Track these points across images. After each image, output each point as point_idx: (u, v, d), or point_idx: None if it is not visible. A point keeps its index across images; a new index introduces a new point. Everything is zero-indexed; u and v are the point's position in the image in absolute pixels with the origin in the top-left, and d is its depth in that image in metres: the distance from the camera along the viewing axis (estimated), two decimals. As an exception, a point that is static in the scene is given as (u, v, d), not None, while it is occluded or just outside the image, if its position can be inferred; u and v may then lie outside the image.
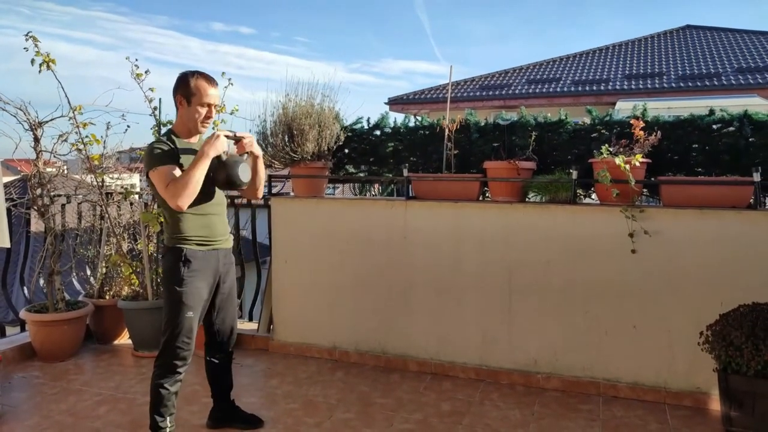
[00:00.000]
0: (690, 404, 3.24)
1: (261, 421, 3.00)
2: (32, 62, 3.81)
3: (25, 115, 3.91)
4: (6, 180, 4.72)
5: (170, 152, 2.54)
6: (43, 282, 4.18)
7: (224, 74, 4.15)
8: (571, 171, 3.40)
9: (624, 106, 6.88)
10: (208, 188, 2.64)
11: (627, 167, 3.14)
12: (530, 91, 14.79)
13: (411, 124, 4.12)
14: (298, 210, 4.07)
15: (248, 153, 2.73)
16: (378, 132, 4.19)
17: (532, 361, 3.55)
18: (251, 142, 2.71)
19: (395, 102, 16.04)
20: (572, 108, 6.66)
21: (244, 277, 4.62)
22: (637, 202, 3.44)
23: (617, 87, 13.94)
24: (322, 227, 3.99)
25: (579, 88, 14.35)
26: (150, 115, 4.25)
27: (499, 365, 3.63)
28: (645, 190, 3.62)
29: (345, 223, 3.93)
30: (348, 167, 4.39)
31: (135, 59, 4.11)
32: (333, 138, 3.98)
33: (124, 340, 4.40)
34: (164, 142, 2.58)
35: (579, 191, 3.58)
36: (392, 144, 4.15)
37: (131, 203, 4.73)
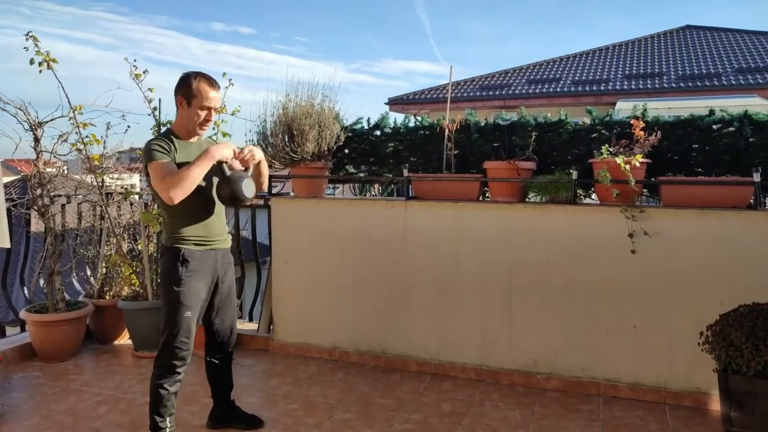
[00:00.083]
0: (690, 404, 3.24)
1: (261, 422, 3.00)
2: (32, 62, 3.81)
3: (25, 115, 3.92)
4: (6, 180, 4.72)
5: (168, 150, 2.55)
6: (43, 282, 4.18)
7: (225, 75, 4.17)
8: (571, 171, 3.40)
9: (624, 107, 6.88)
10: (208, 189, 2.65)
11: (627, 167, 3.14)
12: (530, 91, 14.79)
13: (411, 125, 4.12)
14: (298, 210, 4.07)
15: (251, 166, 2.70)
16: (378, 132, 4.19)
17: (532, 362, 3.55)
18: (252, 156, 2.67)
19: (395, 102, 16.04)
20: (572, 108, 6.66)
21: (244, 278, 4.62)
22: (637, 203, 3.44)
23: (617, 87, 13.95)
24: (322, 227, 3.99)
25: (579, 88, 14.35)
26: (149, 116, 4.26)
27: (499, 365, 3.63)
28: (645, 191, 3.62)
29: (345, 223, 3.93)
30: (348, 167, 4.39)
31: (134, 59, 4.12)
32: (333, 138, 3.98)
33: (124, 341, 4.41)
34: (163, 140, 2.58)
35: (579, 191, 3.58)
36: (392, 144, 4.15)
37: (131, 203, 4.73)
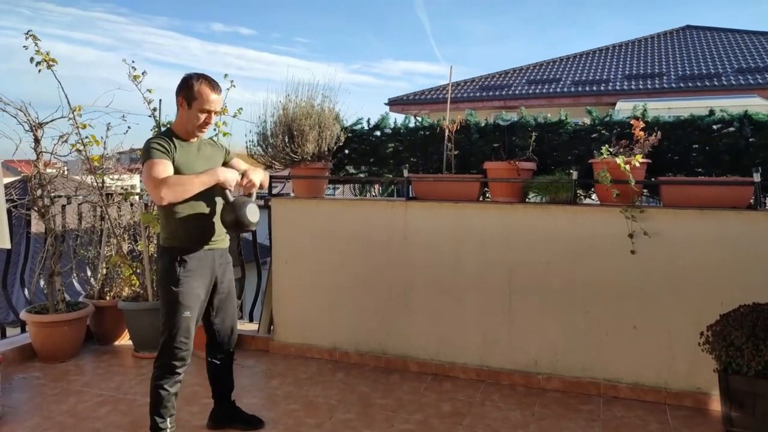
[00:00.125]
0: (690, 404, 3.24)
1: (261, 422, 3.00)
2: (32, 60, 3.81)
3: (26, 116, 3.92)
4: (6, 181, 4.72)
5: (168, 149, 2.55)
6: (44, 283, 4.18)
7: (227, 76, 4.16)
8: (572, 171, 3.40)
9: (624, 107, 6.89)
10: (206, 189, 2.65)
11: (627, 167, 3.14)
12: (530, 92, 14.79)
13: (411, 125, 4.12)
14: (299, 211, 4.07)
15: (254, 192, 2.71)
16: (378, 133, 4.20)
17: (533, 362, 3.55)
18: (253, 185, 2.69)
19: (395, 103, 16.04)
20: (572, 108, 6.66)
21: (245, 278, 4.62)
22: (637, 203, 3.44)
23: (617, 87, 13.94)
24: (323, 228, 3.99)
25: (579, 89, 14.35)
26: (150, 117, 4.26)
27: (500, 366, 3.63)
28: (645, 191, 3.62)
29: (345, 224, 3.93)
30: (348, 168, 4.39)
31: (132, 61, 4.12)
32: (333, 139, 3.98)
33: (125, 341, 4.41)
34: (163, 139, 2.58)
35: (579, 192, 3.59)
36: (392, 144, 4.16)
37: (131, 204, 4.73)
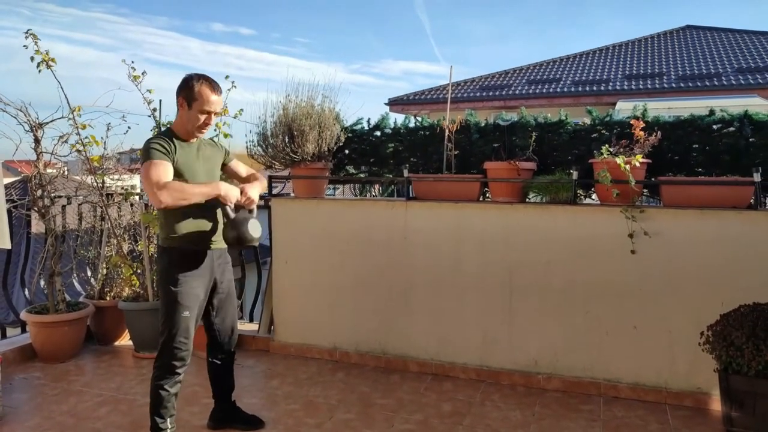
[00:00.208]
0: (691, 404, 3.24)
1: (262, 422, 3.01)
2: (32, 59, 3.81)
3: (26, 117, 3.92)
4: (7, 181, 4.72)
5: (168, 150, 2.54)
6: (44, 283, 4.18)
7: (228, 77, 4.15)
8: (572, 171, 3.40)
9: (624, 107, 6.88)
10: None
11: (627, 167, 3.14)
12: (530, 92, 14.79)
13: (411, 125, 4.12)
14: (299, 211, 4.07)
15: (254, 207, 2.71)
16: (378, 133, 4.20)
17: (533, 362, 3.55)
18: (251, 202, 2.68)
19: (395, 103, 16.04)
20: (572, 108, 6.66)
21: (245, 278, 4.62)
22: (638, 203, 3.44)
23: (617, 87, 13.94)
24: (323, 228, 3.99)
25: (579, 89, 14.34)
26: (150, 117, 4.26)
27: (500, 366, 3.63)
28: (645, 191, 3.62)
29: (345, 224, 3.94)
30: (348, 168, 4.39)
31: (132, 61, 4.11)
32: (333, 139, 3.98)
33: (125, 341, 4.41)
34: (164, 139, 2.57)
35: (579, 192, 3.59)
36: (392, 145, 4.16)
37: (131, 204, 4.74)
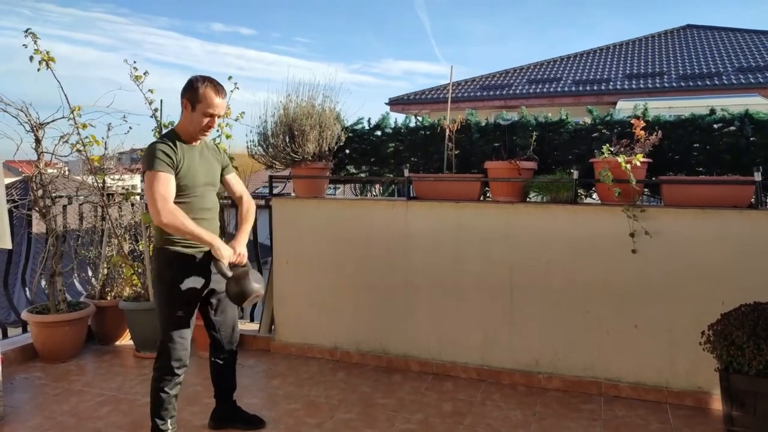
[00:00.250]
0: (691, 404, 3.24)
1: (262, 422, 3.01)
2: (31, 59, 3.80)
3: (27, 117, 3.92)
4: (7, 181, 4.72)
5: (172, 156, 2.53)
6: (45, 283, 4.19)
7: (231, 78, 4.14)
8: (572, 171, 3.40)
9: (625, 106, 6.88)
10: (202, 191, 2.65)
11: (628, 167, 3.14)
12: (531, 91, 14.77)
13: (412, 125, 4.12)
14: (300, 211, 4.07)
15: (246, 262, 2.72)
16: (379, 132, 4.20)
17: (534, 361, 3.55)
18: (243, 257, 2.70)
19: (396, 102, 16.03)
20: (573, 108, 6.66)
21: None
22: (638, 202, 3.44)
23: (618, 87, 13.92)
24: (323, 228, 3.99)
25: (580, 88, 14.33)
26: (151, 117, 4.26)
27: (501, 365, 3.63)
28: (646, 190, 3.62)
29: (346, 224, 3.93)
30: (349, 168, 4.40)
31: (134, 61, 4.12)
32: (334, 138, 3.98)
33: (126, 341, 4.41)
34: (169, 145, 2.55)
35: (580, 191, 3.59)
36: (393, 144, 4.16)
37: (132, 204, 4.74)
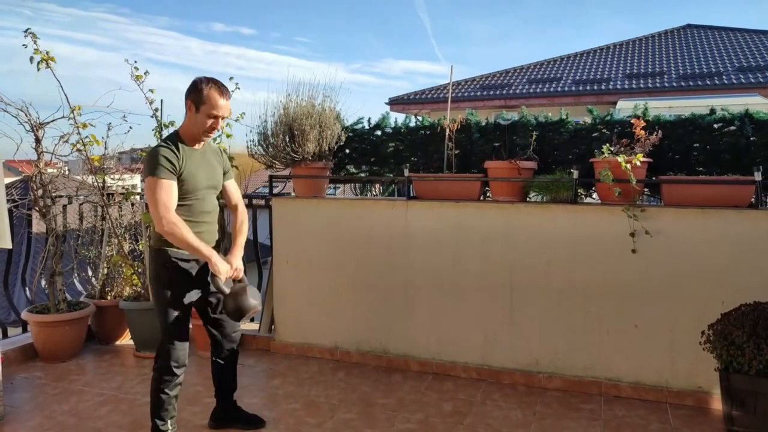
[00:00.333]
0: (692, 404, 3.24)
1: (263, 422, 3.01)
2: (31, 59, 3.80)
3: (27, 117, 3.92)
4: (7, 181, 4.72)
5: (174, 162, 2.52)
6: (45, 283, 4.19)
7: (232, 78, 4.13)
8: (572, 170, 3.40)
9: (625, 106, 6.88)
10: (203, 194, 2.65)
11: (628, 167, 3.14)
12: (531, 91, 14.76)
13: (412, 124, 4.12)
14: (300, 210, 4.07)
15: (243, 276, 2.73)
16: (379, 132, 4.20)
17: (534, 361, 3.55)
18: (239, 271, 2.69)
19: (396, 102, 16.02)
20: (573, 107, 6.67)
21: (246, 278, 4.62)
22: (638, 202, 3.44)
23: (618, 86, 13.92)
24: (324, 227, 3.99)
25: (580, 88, 14.32)
26: (152, 117, 4.26)
27: (501, 365, 3.63)
28: (646, 190, 3.62)
29: (346, 223, 3.93)
30: (349, 167, 4.40)
31: (135, 61, 4.12)
32: (334, 138, 3.98)
33: (126, 341, 4.41)
34: (172, 150, 2.54)
35: (580, 191, 3.59)
36: (393, 144, 4.16)
37: (132, 204, 4.74)
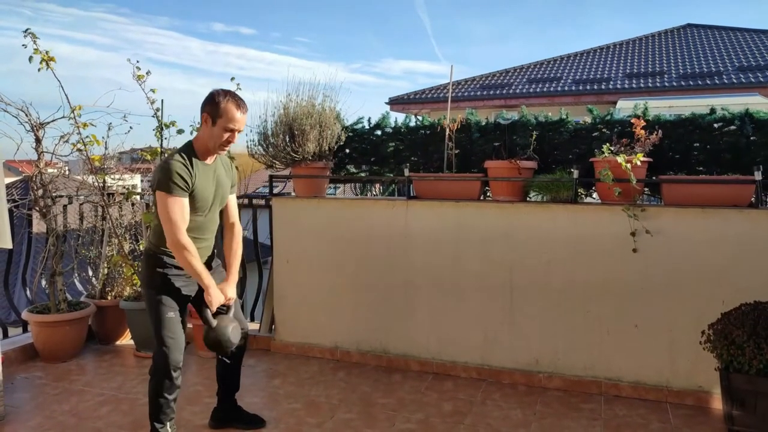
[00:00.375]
0: (692, 403, 3.24)
1: (263, 422, 3.01)
2: (30, 59, 3.80)
3: (27, 117, 3.92)
4: (8, 181, 4.72)
5: (187, 180, 2.49)
6: (45, 283, 4.19)
7: (233, 79, 4.13)
8: (573, 170, 3.40)
9: (625, 105, 6.87)
10: (212, 210, 2.65)
11: (628, 166, 3.14)
12: (531, 91, 14.76)
13: (412, 124, 4.12)
14: (300, 210, 4.07)
15: (232, 305, 2.73)
16: (379, 132, 4.20)
17: (534, 361, 3.56)
18: (230, 300, 2.70)
19: (396, 102, 16.01)
20: (573, 107, 6.67)
21: (246, 278, 4.63)
22: (639, 201, 3.44)
23: (618, 86, 13.91)
24: (324, 227, 3.99)
25: (580, 88, 14.31)
26: (152, 117, 4.26)
27: (501, 365, 3.63)
28: (646, 189, 3.62)
29: (346, 223, 3.94)
30: (349, 167, 4.40)
31: (136, 60, 4.12)
32: (334, 138, 3.98)
33: (126, 341, 4.41)
34: (185, 166, 2.51)
35: (580, 190, 3.59)
36: (393, 144, 4.16)
37: (132, 204, 4.74)
